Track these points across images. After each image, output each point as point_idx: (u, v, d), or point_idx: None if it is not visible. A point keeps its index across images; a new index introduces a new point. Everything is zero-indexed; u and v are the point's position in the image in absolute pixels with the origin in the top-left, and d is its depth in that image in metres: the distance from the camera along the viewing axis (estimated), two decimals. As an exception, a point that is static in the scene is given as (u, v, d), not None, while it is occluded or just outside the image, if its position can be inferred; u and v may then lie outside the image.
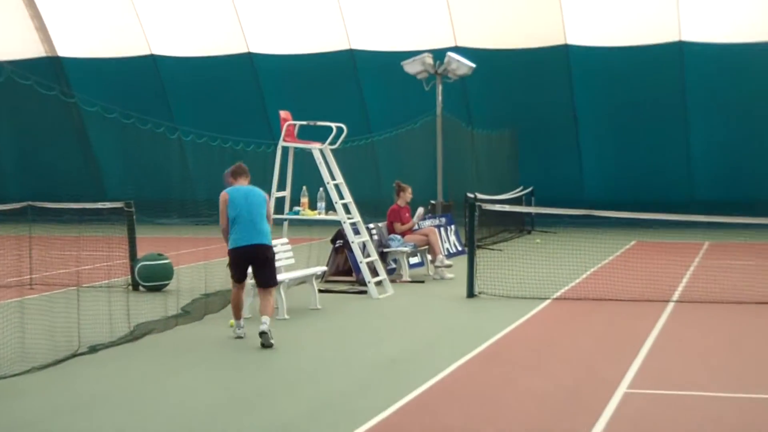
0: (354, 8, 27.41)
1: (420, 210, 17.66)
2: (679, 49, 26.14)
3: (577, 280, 15.98)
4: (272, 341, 10.24)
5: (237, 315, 10.90)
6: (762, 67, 25.78)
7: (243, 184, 10.90)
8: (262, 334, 10.14)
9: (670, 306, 13.08)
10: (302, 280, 13.62)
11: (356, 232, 14.95)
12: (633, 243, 21.53)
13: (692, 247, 20.84)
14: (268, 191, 13.92)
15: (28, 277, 14.91)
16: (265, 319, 10.25)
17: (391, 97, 27.10)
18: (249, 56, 28.26)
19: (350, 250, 15.08)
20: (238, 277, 10.72)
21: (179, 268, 15.13)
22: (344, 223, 14.71)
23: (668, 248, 20.04)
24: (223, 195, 10.70)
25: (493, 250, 20.30)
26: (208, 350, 10.58)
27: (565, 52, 27.27)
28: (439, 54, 22.29)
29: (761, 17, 25.72)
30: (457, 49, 25.04)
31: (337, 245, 15.95)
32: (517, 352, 10.93)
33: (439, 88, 22.16)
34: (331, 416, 8.04)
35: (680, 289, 14.91)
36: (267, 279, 10.69)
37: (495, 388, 9.02)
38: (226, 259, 11.04)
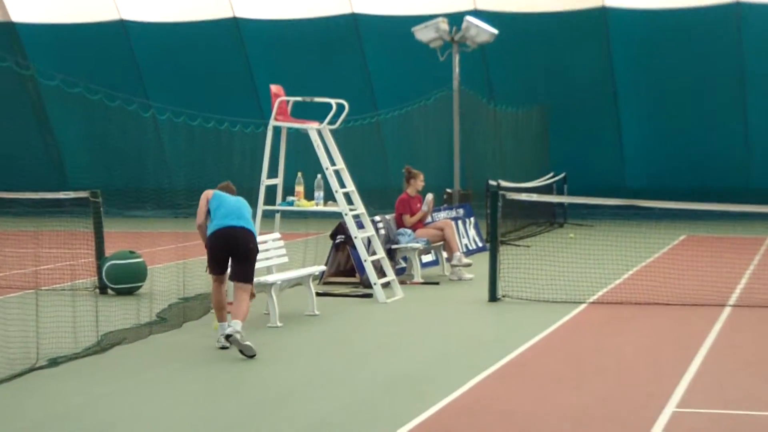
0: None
1: (429, 197, 17.72)
2: (737, 11, 26.32)
3: (618, 281, 16.04)
4: (247, 346, 10.34)
5: (220, 316, 10.96)
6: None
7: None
8: (229, 337, 10.32)
9: (726, 311, 13.19)
10: (297, 282, 13.70)
11: (360, 225, 15.09)
12: (682, 238, 21.68)
13: (751, 243, 20.99)
14: (257, 178, 14.10)
15: (-23, 278, 14.94)
16: (235, 322, 10.38)
17: (400, 69, 27.31)
18: (234, 21, 28.39)
19: (353, 246, 15.17)
20: (218, 269, 10.83)
21: (154, 267, 15.22)
22: (346, 215, 14.83)
23: (724, 244, 20.14)
24: (207, 192, 10.99)
25: (519, 246, 20.46)
26: (187, 363, 10.58)
27: (602, 16, 27.51)
28: (455, 19, 22.62)
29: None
30: (476, 13, 25.29)
31: (337, 241, 15.95)
32: (547, 365, 10.98)
33: (456, 58, 22.37)
34: (329, 441, 8.00)
35: (738, 291, 15.05)
36: (244, 273, 10.84)
37: (522, 407, 9.09)
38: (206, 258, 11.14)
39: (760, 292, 14.42)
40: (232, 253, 10.75)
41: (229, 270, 11.01)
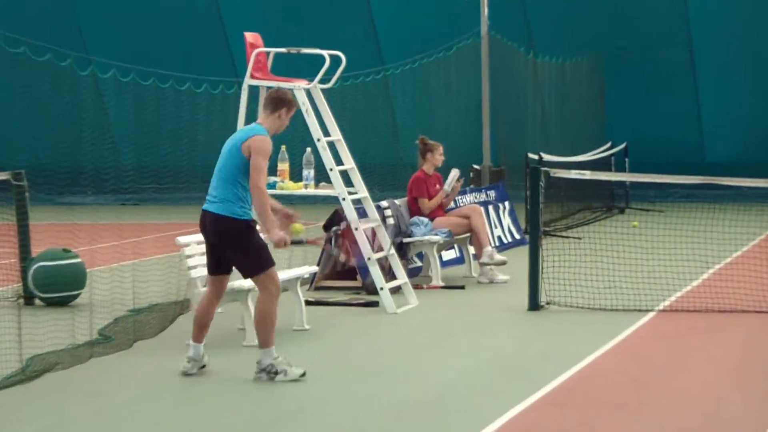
0: None
1: (454, 173, 17.78)
2: None
3: (696, 283, 16.15)
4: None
5: (196, 335, 11.03)
6: None
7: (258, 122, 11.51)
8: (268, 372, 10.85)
9: None
10: (283, 287, 13.32)
11: (362, 213, 15.24)
12: None
13: None
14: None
15: None
16: (265, 352, 10.84)
17: (413, 12, 27.62)
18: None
19: (353, 241, 15.25)
20: (209, 266, 11.07)
21: (94, 270, 15.20)
22: (344, 200, 14.90)
23: None
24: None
25: (568, 238, 20.86)
26: (139, 394, 10.49)
27: None
28: None
29: None
30: None
31: (333, 234, 16.03)
32: (606, 389, 11.04)
33: None
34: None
35: None
36: (240, 268, 11.26)
37: None
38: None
39: None
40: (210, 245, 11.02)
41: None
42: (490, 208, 19.99)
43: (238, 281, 12.72)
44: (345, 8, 28.19)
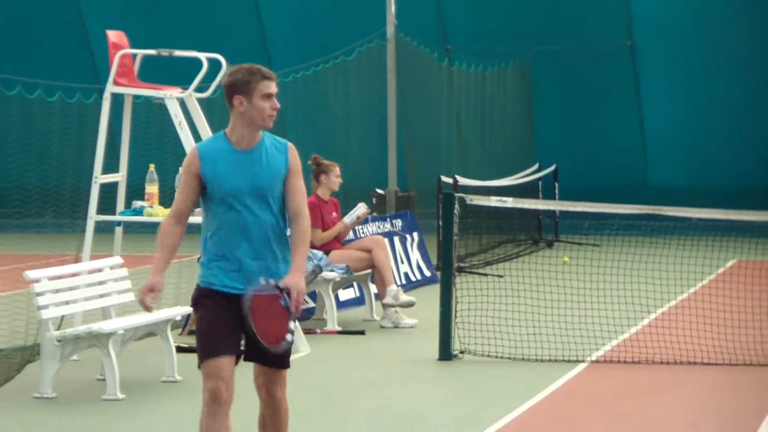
0: None
1: (361, 209, 17.91)
2: None
3: (634, 330, 16.35)
4: None
5: None
6: None
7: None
8: None
9: None
10: (149, 332, 13.89)
11: None
12: (731, 263, 22.20)
13: None
14: (87, 172, 14.35)
15: None
16: None
17: (307, 8, 27.86)
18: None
19: None
20: (219, 350, 8.77)
21: None
22: None
23: None
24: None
25: (486, 275, 20.92)
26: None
27: None
28: None
29: None
30: None
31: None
32: None
33: None
34: None
35: None
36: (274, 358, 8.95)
37: None
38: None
39: None
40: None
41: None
42: (396, 239, 20.11)
43: (97, 324, 12.59)
44: (228, 8, 28.21)
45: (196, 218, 15.16)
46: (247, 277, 8.17)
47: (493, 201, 18.75)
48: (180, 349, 14.08)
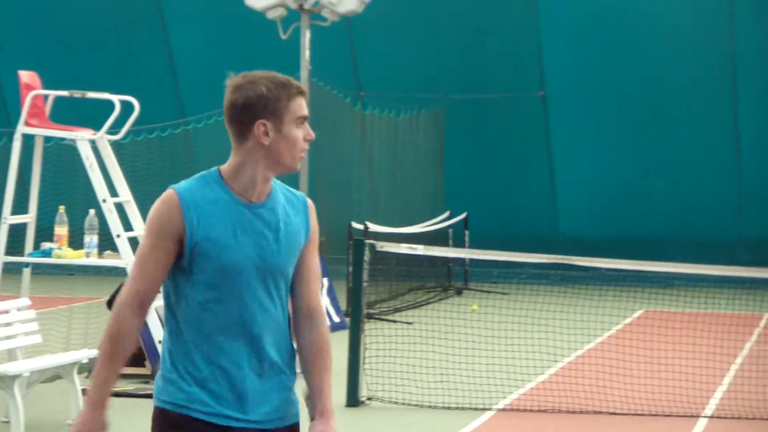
0: None
1: None
2: None
3: (541, 378, 16.01)
4: None
5: None
6: None
7: (225, 166, 5.56)
8: None
9: (702, 424, 13.07)
10: (56, 374, 13.22)
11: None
12: (639, 313, 21.66)
13: (745, 321, 21.15)
14: None
15: None
16: None
17: (218, 53, 27.44)
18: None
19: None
20: None
21: None
22: None
23: (702, 323, 19.99)
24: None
25: (395, 322, 20.83)
26: None
27: None
28: None
29: None
30: None
31: None
32: None
33: (306, 35, 21.83)
34: None
35: (718, 396, 15.11)
36: None
37: None
38: None
39: (748, 398, 13.99)
40: None
41: None
42: None
43: (2, 365, 12.06)
44: (141, 47, 27.63)
45: (116, 261, 14.27)
46: (249, 403, 4.95)
47: (404, 248, 18.50)
48: (86, 392, 12.91)
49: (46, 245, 14.47)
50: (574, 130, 29.91)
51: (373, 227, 20.75)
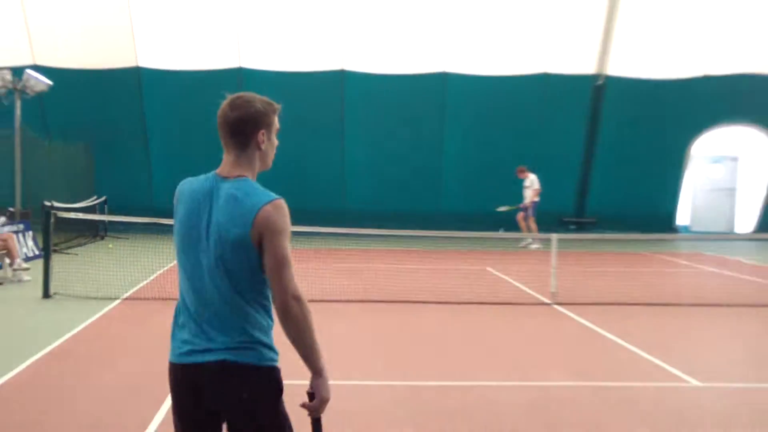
0: None
1: (0, 218, 19.90)
2: (238, 74, 30.13)
3: (146, 281, 17.77)
4: None
5: None
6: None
7: (227, 169, 4.85)
8: None
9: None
10: None
11: None
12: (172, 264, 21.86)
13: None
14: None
15: None
16: None
17: None
18: None
19: None
20: None
21: None
22: None
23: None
24: (177, 188, 5.01)
25: (68, 254, 22.31)
26: None
27: (136, 74, 30.68)
28: (17, 71, 24.56)
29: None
30: (35, 67, 27.40)
31: None
32: (89, 349, 11.66)
33: (18, 103, 24.27)
34: None
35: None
36: None
37: (68, 383, 9.73)
38: None
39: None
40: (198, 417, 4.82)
41: None
42: (20, 234, 21.11)
43: None
44: None
45: None
46: None
47: (72, 214, 20.15)
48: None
49: None
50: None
51: (55, 203, 21.00)
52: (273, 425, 4.66)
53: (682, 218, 35.85)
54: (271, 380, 4.66)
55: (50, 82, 24.97)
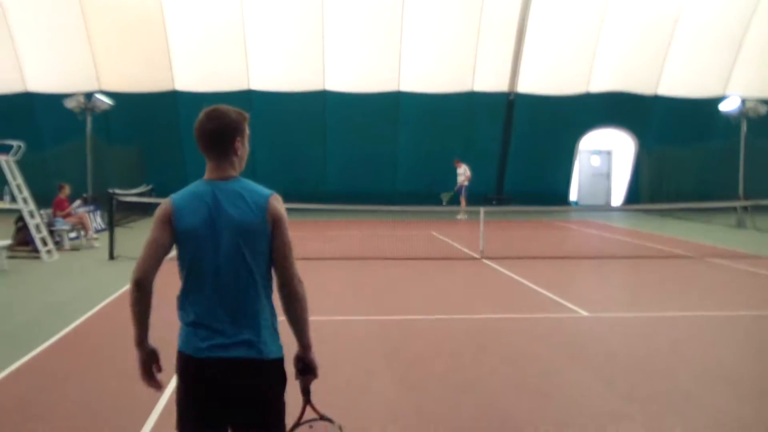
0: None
1: (77, 201, 19.76)
2: (248, 96, 29.06)
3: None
4: None
5: None
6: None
7: (218, 173, 3.92)
8: None
9: None
10: None
11: (32, 215, 16.58)
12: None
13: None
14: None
15: None
16: None
17: (63, 125, 27.31)
18: None
19: (28, 228, 16.59)
20: None
21: None
22: (23, 210, 16.51)
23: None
24: (164, 206, 3.92)
25: (127, 227, 22.25)
26: None
27: (173, 96, 29.69)
28: (88, 95, 24.71)
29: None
30: (101, 92, 27.07)
31: (19, 225, 17.12)
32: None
33: (89, 118, 24.32)
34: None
35: None
36: None
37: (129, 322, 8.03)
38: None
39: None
40: (221, 406, 3.68)
41: None
42: (91, 213, 20.80)
43: None
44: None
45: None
46: None
47: (128, 199, 20.05)
48: (8, 257, 14.41)
49: (-11, 200, 15.76)
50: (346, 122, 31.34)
51: (116, 191, 19.82)
52: (283, 411, 3.76)
53: (572, 195, 35.89)
54: (282, 369, 3.79)
55: (112, 103, 25.22)
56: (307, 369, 3.83)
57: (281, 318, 3.78)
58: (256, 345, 3.66)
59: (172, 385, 4.46)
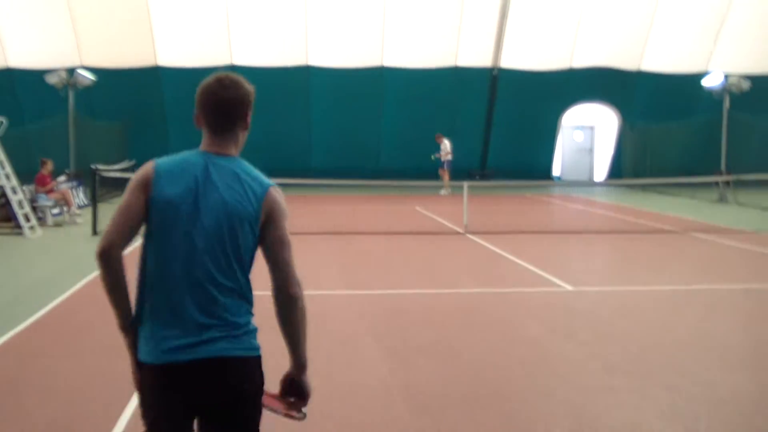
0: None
1: (61, 177, 19.96)
2: (231, 70, 28.21)
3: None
4: None
5: None
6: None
7: (217, 148, 3.32)
8: None
9: None
10: None
11: (14, 191, 16.77)
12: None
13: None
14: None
15: None
16: None
17: (45, 101, 27.11)
18: None
19: (10, 205, 16.73)
20: None
21: None
22: (6, 186, 16.70)
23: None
24: (145, 169, 3.31)
25: (109, 203, 21.90)
26: None
27: (156, 71, 29.94)
28: (70, 71, 24.58)
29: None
30: (83, 67, 26.97)
31: (2, 201, 17.22)
32: (129, 272, 9.69)
33: (71, 94, 24.11)
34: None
35: None
36: None
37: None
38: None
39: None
40: (195, 411, 3.19)
41: None
42: (74, 189, 20.79)
43: None
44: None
45: None
46: None
47: (111, 174, 19.93)
48: None
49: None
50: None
51: (99, 166, 19.66)
52: (259, 412, 3.21)
53: (555, 170, 36.08)
54: (260, 368, 3.23)
55: (94, 78, 24.88)
56: (298, 392, 3.21)
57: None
58: (229, 341, 3.09)
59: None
